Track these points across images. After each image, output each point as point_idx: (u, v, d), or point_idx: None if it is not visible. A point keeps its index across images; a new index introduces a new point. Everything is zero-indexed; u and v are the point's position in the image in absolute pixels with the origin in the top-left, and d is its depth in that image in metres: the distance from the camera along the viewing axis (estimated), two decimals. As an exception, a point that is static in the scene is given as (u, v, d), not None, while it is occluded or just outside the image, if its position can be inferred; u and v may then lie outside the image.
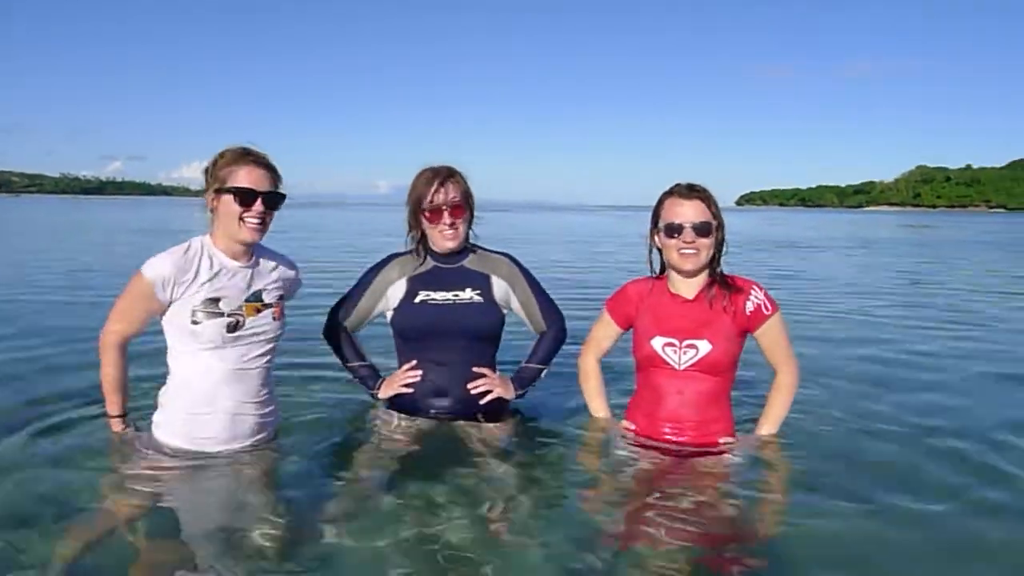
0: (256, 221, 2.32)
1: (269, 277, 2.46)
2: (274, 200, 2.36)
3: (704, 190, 2.59)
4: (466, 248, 2.88)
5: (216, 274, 2.32)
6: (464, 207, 2.79)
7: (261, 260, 2.47)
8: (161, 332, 2.41)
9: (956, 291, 9.28)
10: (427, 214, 2.76)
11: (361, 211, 67.18)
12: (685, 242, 2.54)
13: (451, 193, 2.74)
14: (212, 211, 2.35)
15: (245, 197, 2.29)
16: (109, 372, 2.41)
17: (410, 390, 2.82)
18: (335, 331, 2.94)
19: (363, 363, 2.93)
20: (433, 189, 2.73)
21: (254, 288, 2.39)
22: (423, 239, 2.84)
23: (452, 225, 2.75)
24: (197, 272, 2.29)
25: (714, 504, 2.35)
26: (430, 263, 2.85)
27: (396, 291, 2.84)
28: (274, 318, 2.44)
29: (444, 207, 2.73)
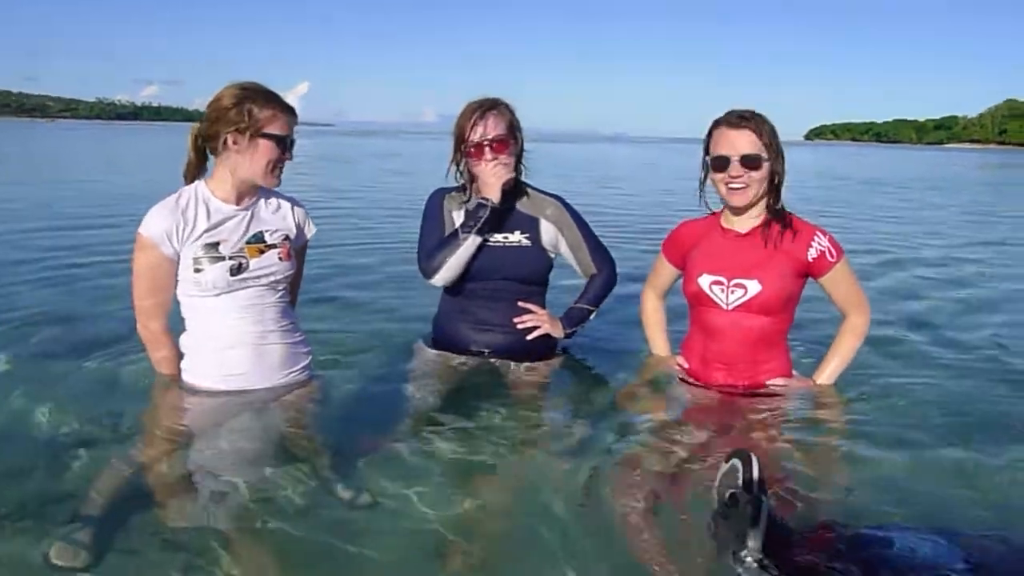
0: (282, 168, 2.29)
1: (271, 218, 2.38)
2: (293, 145, 2.32)
3: (757, 118, 2.42)
4: (517, 187, 2.74)
5: (213, 219, 2.26)
6: (508, 140, 2.63)
7: (261, 201, 2.38)
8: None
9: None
10: (471, 151, 2.62)
11: (409, 141, 65.36)
12: (732, 176, 2.41)
13: (494, 126, 2.60)
14: (224, 148, 2.22)
15: (285, 145, 2.26)
16: (165, 355, 2.36)
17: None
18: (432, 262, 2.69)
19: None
20: (472, 123, 2.60)
21: (254, 230, 2.32)
22: (471, 180, 2.73)
23: (494, 160, 2.61)
24: (195, 220, 2.23)
25: (761, 446, 2.28)
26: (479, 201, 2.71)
27: (455, 225, 2.73)
28: (280, 259, 2.34)
29: (485, 142, 2.60)
